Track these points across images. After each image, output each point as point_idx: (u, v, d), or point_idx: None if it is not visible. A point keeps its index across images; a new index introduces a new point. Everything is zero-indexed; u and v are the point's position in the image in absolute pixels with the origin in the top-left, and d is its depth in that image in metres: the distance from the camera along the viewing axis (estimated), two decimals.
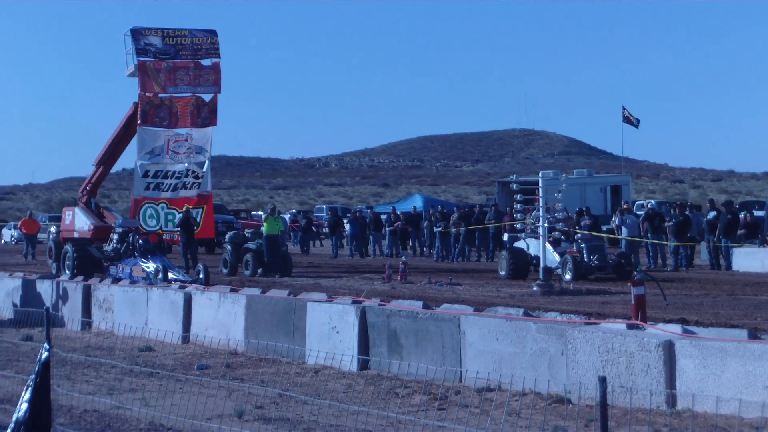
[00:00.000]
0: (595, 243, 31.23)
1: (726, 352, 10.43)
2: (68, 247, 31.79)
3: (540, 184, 27.75)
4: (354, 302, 15.46)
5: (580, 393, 11.07)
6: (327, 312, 15.55)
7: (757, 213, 43.09)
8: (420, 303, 14.83)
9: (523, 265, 30.57)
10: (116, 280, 24.89)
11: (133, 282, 24.53)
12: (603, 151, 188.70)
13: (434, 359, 13.28)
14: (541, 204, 27.56)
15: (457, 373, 12.92)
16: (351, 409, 10.33)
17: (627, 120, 65.10)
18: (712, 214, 36.92)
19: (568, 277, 28.66)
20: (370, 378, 13.54)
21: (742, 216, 38.39)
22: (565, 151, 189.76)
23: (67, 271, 29.77)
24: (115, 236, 30.61)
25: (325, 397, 11.75)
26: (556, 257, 29.67)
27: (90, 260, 30.84)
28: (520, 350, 12.42)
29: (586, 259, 29.46)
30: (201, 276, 26.50)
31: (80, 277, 23.13)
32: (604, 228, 39.67)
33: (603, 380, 6.14)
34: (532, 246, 30.95)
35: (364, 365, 14.17)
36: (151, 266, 27.31)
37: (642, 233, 36.25)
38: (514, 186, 30.11)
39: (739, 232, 35.47)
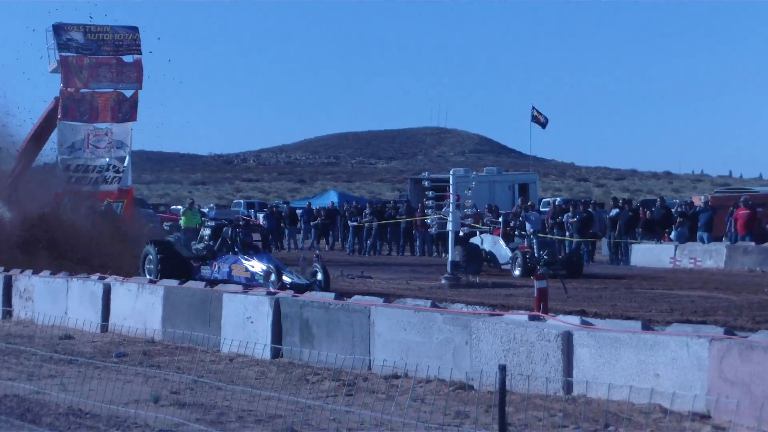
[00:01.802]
0: (546, 239, 31.43)
1: (620, 342, 10.65)
2: (150, 248, 25.09)
3: (451, 182, 28.04)
4: (268, 293, 15.52)
5: (482, 380, 11.25)
6: (242, 303, 15.59)
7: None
8: (332, 294, 14.94)
9: (477, 260, 30.46)
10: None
11: (236, 283, 20.65)
12: (512, 150, 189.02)
13: (344, 348, 13.39)
14: (452, 200, 27.84)
15: (366, 361, 13.05)
16: (263, 395, 10.41)
17: (535, 119, 65.61)
18: (614, 212, 37.64)
19: (517, 272, 28.80)
20: (283, 365, 13.62)
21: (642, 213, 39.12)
22: (475, 149, 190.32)
23: (149, 275, 23.27)
24: (207, 231, 25.39)
25: (238, 384, 11.78)
26: (508, 252, 29.85)
27: (176, 261, 24.62)
28: (427, 340, 12.57)
29: (536, 255, 29.56)
30: (319, 278, 22.39)
31: (1, 268, 22.82)
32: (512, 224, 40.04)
33: (503, 368, 6.30)
34: (486, 241, 31.16)
35: (276, 353, 14.24)
36: (256, 265, 22.97)
37: (548, 229, 36.80)
38: (426, 183, 30.28)
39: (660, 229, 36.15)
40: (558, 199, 56.80)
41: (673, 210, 39.73)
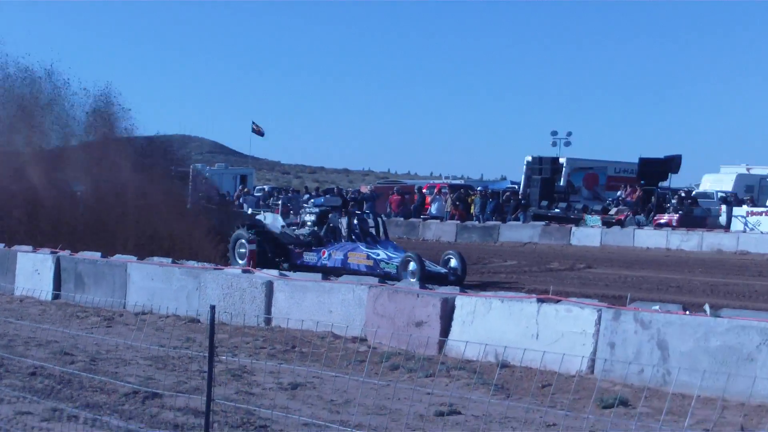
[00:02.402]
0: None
1: (307, 288, 10.67)
2: (242, 232, 17.57)
3: (191, 174, 27.56)
4: (51, 252, 14.66)
5: (206, 316, 10.96)
6: (32, 259, 14.68)
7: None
8: (99, 254, 14.30)
9: None
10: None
11: (354, 271, 15.60)
12: (237, 152, 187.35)
13: (107, 292, 12.79)
14: (191, 187, 27.40)
15: (122, 302, 12.53)
16: (43, 328, 9.86)
17: (254, 130, 65.11)
18: (306, 196, 38.14)
19: None
20: (60, 305, 12.92)
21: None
22: (210, 151, 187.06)
23: (240, 260, 17.05)
24: (311, 217, 18.49)
25: (25, 319, 11.13)
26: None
27: (274, 246, 17.81)
28: (168, 287, 12.18)
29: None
30: (452, 265, 16.09)
31: None
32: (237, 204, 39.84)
33: (213, 308, 6.03)
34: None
35: (56, 297, 13.48)
36: (382, 253, 16.37)
37: (260, 207, 36.82)
38: (173, 174, 29.54)
39: None
40: (267, 186, 56.69)
41: (347, 196, 40.49)
